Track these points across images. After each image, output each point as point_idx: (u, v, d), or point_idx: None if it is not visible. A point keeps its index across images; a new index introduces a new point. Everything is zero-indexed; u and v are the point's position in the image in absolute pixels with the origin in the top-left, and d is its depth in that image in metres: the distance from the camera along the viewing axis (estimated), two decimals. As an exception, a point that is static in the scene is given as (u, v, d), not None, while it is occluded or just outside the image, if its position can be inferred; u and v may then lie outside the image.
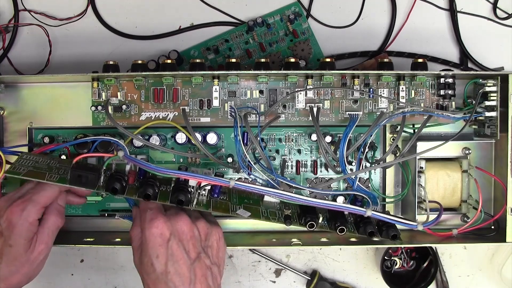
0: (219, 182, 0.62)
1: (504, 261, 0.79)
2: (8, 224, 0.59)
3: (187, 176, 0.62)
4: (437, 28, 0.79)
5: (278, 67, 0.76)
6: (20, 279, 0.60)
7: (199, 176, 0.61)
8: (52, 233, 0.63)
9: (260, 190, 0.62)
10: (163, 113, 0.70)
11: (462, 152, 0.71)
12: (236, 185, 0.61)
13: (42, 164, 0.63)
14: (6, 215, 0.59)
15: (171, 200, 0.62)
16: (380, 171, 0.73)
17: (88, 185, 0.60)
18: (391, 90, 0.70)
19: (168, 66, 0.67)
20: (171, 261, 0.58)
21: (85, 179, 0.60)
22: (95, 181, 0.61)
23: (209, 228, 0.63)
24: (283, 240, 0.70)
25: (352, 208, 0.63)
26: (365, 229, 0.65)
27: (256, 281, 0.81)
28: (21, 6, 0.77)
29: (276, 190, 0.62)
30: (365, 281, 0.81)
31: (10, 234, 0.59)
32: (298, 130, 0.72)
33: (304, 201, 0.62)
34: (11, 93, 0.71)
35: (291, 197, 0.62)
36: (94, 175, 0.60)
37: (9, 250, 0.59)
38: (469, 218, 0.71)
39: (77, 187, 0.60)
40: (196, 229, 0.61)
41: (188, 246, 0.59)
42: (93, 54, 0.78)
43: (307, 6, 0.79)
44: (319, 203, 0.62)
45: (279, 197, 0.63)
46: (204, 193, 0.64)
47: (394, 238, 0.64)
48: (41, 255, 0.61)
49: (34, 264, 0.61)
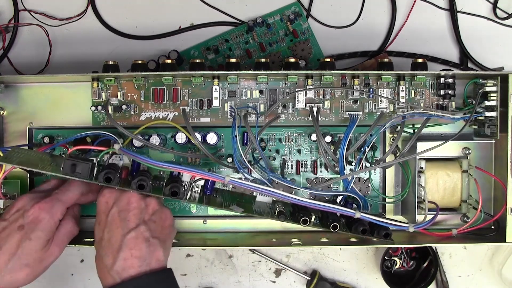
0: (213, 177, 0.62)
1: (504, 261, 0.78)
2: (34, 219, 0.60)
3: (180, 169, 0.61)
4: (437, 28, 0.79)
5: (278, 67, 0.76)
6: (27, 275, 0.60)
7: (193, 170, 0.61)
8: (67, 239, 0.64)
9: (254, 187, 0.63)
10: (163, 113, 0.70)
11: (462, 152, 0.71)
12: (231, 181, 0.61)
13: (34, 157, 0.64)
14: (34, 210, 0.60)
15: (164, 191, 0.62)
16: (380, 171, 0.73)
17: (81, 175, 0.60)
18: (391, 90, 0.70)
19: (168, 66, 0.67)
20: (108, 228, 0.59)
21: (79, 168, 0.60)
22: (89, 170, 0.60)
23: (160, 208, 0.62)
24: (283, 240, 0.70)
25: (343, 210, 0.64)
26: (357, 228, 0.65)
27: (256, 281, 0.81)
28: (21, 6, 0.77)
29: (270, 188, 0.63)
30: (365, 281, 0.81)
31: (34, 228, 0.60)
32: (298, 130, 0.72)
33: (296, 200, 0.63)
34: (11, 93, 0.71)
35: (283, 196, 0.62)
36: (88, 164, 0.60)
37: (27, 244, 0.59)
38: (469, 218, 0.71)
39: (70, 177, 0.60)
40: (143, 203, 0.61)
41: (128, 215, 0.59)
42: (93, 54, 0.78)
43: (307, 6, 0.79)
44: (310, 203, 0.63)
45: (272, 195, 0.63)
46: (197, 190, 0.65)
47: (386, 237, 0.65)
48: (53, 257, 0.62)
49: (44, 264, 0.61)
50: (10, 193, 0.71)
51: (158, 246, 0.59)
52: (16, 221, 0.60)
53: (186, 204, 0.73)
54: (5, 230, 0.60)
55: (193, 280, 0.81)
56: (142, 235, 0.58)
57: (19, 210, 0.61)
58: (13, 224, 0.60)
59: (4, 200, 0.69)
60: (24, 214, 0.60)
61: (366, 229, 0.65)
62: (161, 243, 0.60)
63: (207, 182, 0.66)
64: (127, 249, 0.57)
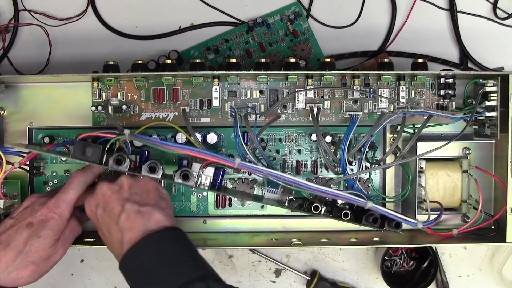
0: (224, 160, 0.61)
1: (504, 261, 0.79)
2: (44, 218, 0.61)
3: (194, 151, 0.60)
4: (437, 28, 0.79)
5: (278, 67, 0.76)
6: (32, 272, 0.60)
7: (205, 152, 0.60)
8: (72, 238, 0.65)
9: (265, 172, 0.62)
10: (163, 113, 0.70)
11: (462, 152, 0.71)
12: (241, 165, 0.61)
13: None
14: (43, 209, 0.61)
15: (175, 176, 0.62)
16: (380, 171, 0.73)
17: (92, 158, 0.61)
18: (391, 90, 0.70)
19: (168, 66, 0.67)
20: (103, 227, 0.60)
21: (89, 151, 0.60)
22: (99, 154, 0.61)
23: (135, 180, 0.62)
24: (283, 240, 0.70)
25: (354, 199, 0.63)
26: (367, 218, 0.65)
27: (256, 281, 0.81)
28: (21, 6, 0.77)
29: (280, 173, 0.62)
30: (365, 281, 0.81)
31: (44, 226, 0.60)
32: (298, 130, 0.72)
33: (309, 187, 0.62)
34: (11, 93, 0.71)
35: (296, 182, 0.62)
36: (99, 147, 0.61)
37: (35, 241, 0.60)
38: (469, 218, 0.71)
39: (80, 160, 0.61)
40: (116, 186, 0.61)
41: (110, 205, 0.59)
42: (93, 54, 0.78)
43: (307, 6, 0.79)
44: (322, 190, 0.62)
45: (283, 181, 0.62)
46: (206, 183, 0.64)
47: (397, 227, 0.65)
48: (58, 257, 0.63)
49: (50, 263, 0.62)
50: (10, 193, 0.71)
51: (152, 211, 0.58)
52: (24, 219, 0.61)
53: (186, 204, 0.73)
54: (13, 227, 0.60)
55: (193, 280, 0.81)
56: (131, 211, 0.58)
57: (27, 208, 0.62)
58: (21, 222, 0.60)
59: (4, 200, 0.69)
60: (33, 213, 0.61)
61: (377, 218, 0.65)
62: (154, 207, 0.59)
63: (216, 175, 0.65)
64: (126, 232, 0.57)
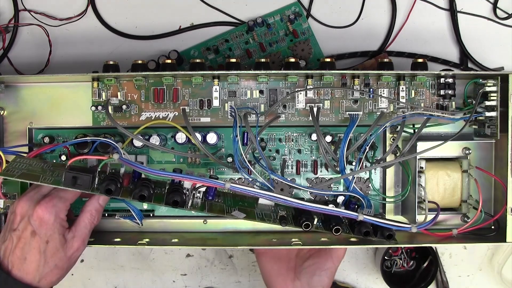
0: (214, 184, 0.61)
1: (504, 261, 0.79)
2: (41, 222, 0.60)
3: (181, 177, 0.61)
4: (437, 28, 0.79)
5: (278, 67, 0.76)
6: (60, 274, 0.61)
7: (193, 178, 0.61)
8: (89, 231, 0.64)
9: (255, 193, 0.62)
10: (163, 113, 0.70)
11: (462, 152, 0.71)
12: (232, 188, 0.61)
13: (35, 167, 0.63)
14: (37, 214, 0.60)
15: (166, 201, 0.62)
16: (380, 171, 0.73)
17: (82, 186, 0.60)
18: (391, 90, 0.70)
19: (168, 66, 0.67)
20: None
21: (80, 180, 0.60)
22: (90, 182, 0.61)
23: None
24: (283, 240, 0.70)
25: (345, 213, 0.64)
26: (360, 229, 0.65)
27: (256, 281, 0.81)
28: (21, 6, 0.77)
29: (271, 193, 0.63)
30: (365, 281, 0.81)
31: (45, 231, 0.60)
32: (298, 130, 0.72)
33: (299, 205, 0.63)
34: (11, 93, 0.71)
35: (285, 201, 0.62)
36: (89, 176, 0.60)
37: (46, 247, 0.60)
38: (469, 218, 0.71)
39: (72, 189, 0.60)
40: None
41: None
42: (93, 54, 0.78)
43: (307, 6, 0.79)
44: (313, 207, 0.63)
45: (274, 200, 0.63)
46: (199, 196, 0.64)
47: (389, 238, 0.64)
48: (78, 252, 0.63)
49: (71, 261, 0.63)
50: (10, 193, 0.71)
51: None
52: (26, 229, 0.60)
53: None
54: (21, 240, 0.60)
55: (193, 280, 0.81)
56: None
57: (23, 216, 0.60)
58: (25, 232, 0.60)
59: (4, 200, 0.69)
60: (30, 220, 0.60)
61: (369, 231, 0.64)
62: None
63: (209, 187, 0.65)
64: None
